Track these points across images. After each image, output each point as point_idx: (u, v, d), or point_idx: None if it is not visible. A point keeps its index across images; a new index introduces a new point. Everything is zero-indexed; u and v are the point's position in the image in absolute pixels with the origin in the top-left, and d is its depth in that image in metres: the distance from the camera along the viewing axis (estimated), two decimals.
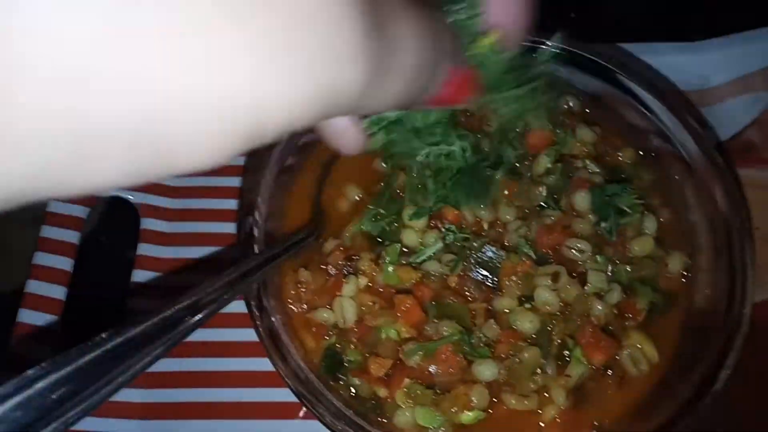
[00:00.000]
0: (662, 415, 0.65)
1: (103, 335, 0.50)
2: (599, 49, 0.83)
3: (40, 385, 0.45)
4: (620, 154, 0.82)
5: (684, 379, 0.67)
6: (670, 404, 0.65)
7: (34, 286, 0.84)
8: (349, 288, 0.71)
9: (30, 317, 0.82)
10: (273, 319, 0.68)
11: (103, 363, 0.50)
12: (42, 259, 0.86)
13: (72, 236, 0.89)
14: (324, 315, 0.72)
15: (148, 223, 0.93)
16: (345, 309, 0.70)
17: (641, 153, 0.83)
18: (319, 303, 0.73)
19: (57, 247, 0.87)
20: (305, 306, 0.74)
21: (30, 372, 0.45)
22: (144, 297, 0.88)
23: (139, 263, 0.90)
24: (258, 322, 0.66)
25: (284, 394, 0.79)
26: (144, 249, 0.91)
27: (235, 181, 0.96)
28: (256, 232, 0.71)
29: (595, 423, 0.69)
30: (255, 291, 0.68)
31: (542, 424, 0.69)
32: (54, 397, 0.46)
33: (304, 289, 0.73)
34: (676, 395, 0.66)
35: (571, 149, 0.80)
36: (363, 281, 0.72)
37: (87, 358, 0.49)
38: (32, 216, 0.91)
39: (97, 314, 0.89)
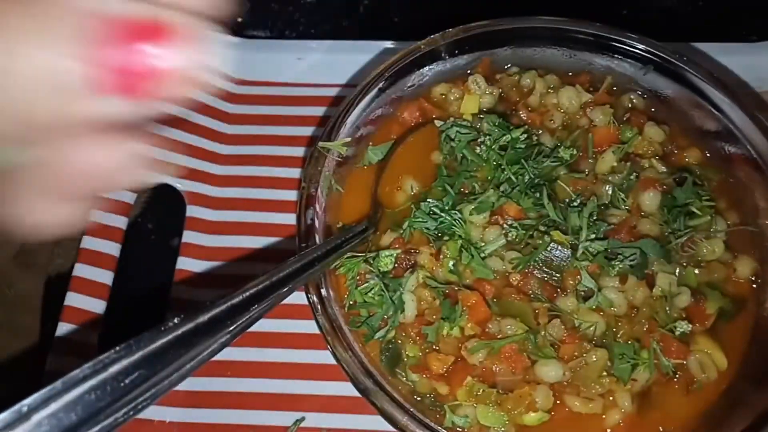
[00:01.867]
0: (734, 427, 0.63)
1: (175, 320, 0.49)
2: (666, 47, 0.81)
3: (114, 368, 0.44)
4: (686, 154, 0.80)
5: (755, 390, 0.65)
6: (742, 415, 0.63)
7: (81, 270, 0.83)
8: (409, 282, 0.69)
9: (77, 301, 0.81)
10: (333, 310, 0.66)
11: (174, 348, 0.49)
12: (90, 243, 0.85)
13: (119, 222, 0.88)
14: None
15: (195, 211, 0.92)
16: (406, 303, 0.68)
17: (708, 154, 0.80)
18: None
19: (104, 232, 0.86)
20: None
21: (105, 356, 0.44)
22: (188, 285, 0.87)
23: (184, 251, 0.89)
24: (320, 312, 0.64)
25: (328, 387, 0.79)
26: (189, 237, 0.90)
27: (281, 171, 0.95)
28: (317, 223, 0.69)
29: (660, 429, 0.67)
30: (315, 281, 0.66)
31: (607, 429, 0.67)
32: (127, 381, 0.45)
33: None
34: (748, 406, 0.64)
35: (637, 148, 0.78)
36: (423, 275, 0.70)
37: (159, 343, 0.48)
38: None
39: (142, 300, 0.88)
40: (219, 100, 1.00)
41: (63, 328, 0.79)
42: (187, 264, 0.88)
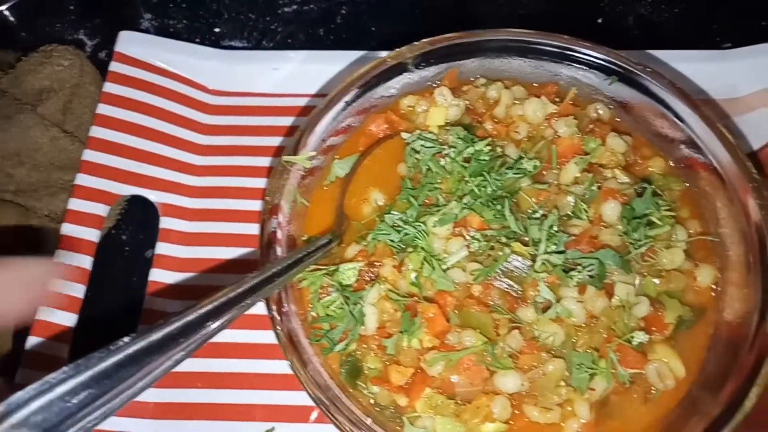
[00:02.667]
0: None
1: (125, 339, 0.50)
2: (629, 56, 0.81)
3: (61, 389, 0.45)
4: (650, 164, 0.80)
5: (712, 397, 0.65)
6: (698, 422, 0.64)
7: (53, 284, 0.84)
8: (371, 295, 0.70)
9: (48, 315, 0.82)
10: (294, 323, 0.67)
11: (124, 367, 0.50)
12: (62, 257, 0.86)
13: (92, 235, 0.89)
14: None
15: (168, 223, 0.93)
16: (366, 316, 0.69)
17: (671, 163, 0.81)
18: None
19: (77, 245, 0.87)
20: None
21: (51, 376, 0.45)
22: (162, 296, 0.88)
23: (158, 262, 0.90)
24: (279, 326, 0.65)
25: (299, 398, 0.79)
26: (163, 248, 0.91)
27: (257, 182, 0.96)
28: (279, 234, 0.70)
29: None
30: (276, 295, 0.67)
31: None
32: (75, 401, 0.45)
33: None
34: (704, 413, 0.64)
35: (600, 159, 0.78)
36: (384, 288, 0.71)
37: (108, 362, 0.49)
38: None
39: (114, 313, 0.88)
40: (194, 111, 1.01)
41: (33, 341, 0.80)
42: (160, 276, 0.89)
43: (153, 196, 0.94)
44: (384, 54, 0.84)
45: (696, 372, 0.70)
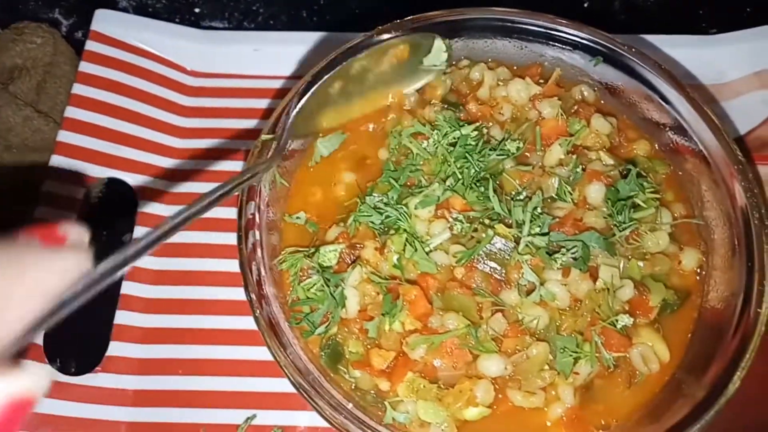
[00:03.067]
0: (673, 417, 0.63)
1: None
2: (616, 39, 0.80)
3: None
4: (635, 146, 0.80)
5: (696, 380, 0.65)
6: (682, 406, 0.63)
7: None
8: (352, 277, 0.68)
9: None
10: (273, 307, 0.65)
11: None
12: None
13: (68, 218, 0.86)
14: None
15: (147, 206, 0.90)
16: (347, 299, 0.68)
17: (656, 146, 0.80)
18: None
19: None
20: None
21: None
22: (139, 281, 0.86)
23: None
24: (257, 310, 0.64)
25: (280, 384, 0.78)
26: (141, 232, 0.89)
27: (236, 165, 0.94)
28: (257, 218, 0.69)
29: (602, 422, 0.67)
30: (254, 279, 0.66)
31: (548, 422, 0.67)
32: None
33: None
34: (688, 396, 0.64)
35: (585, 140, 0.77)
36: (366, 271, 0.69)
37: None
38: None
39: (91, 299, 0.86)
40: (173, 92, 0.99)
41: None
42: (139, 261, 0.87)
43: (130, 179, 0.91)
44: (367, 35, 0.82)
45: (680, 356, 0.70)
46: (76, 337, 0.81)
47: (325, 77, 0.77)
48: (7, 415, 0.32)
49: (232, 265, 0.71)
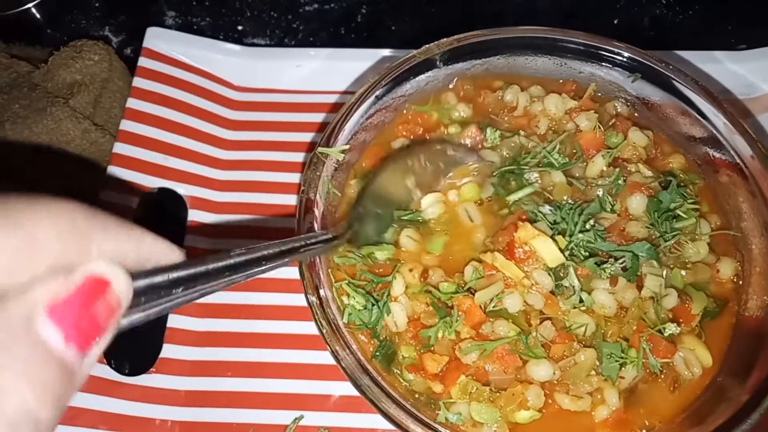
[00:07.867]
0: (717, 420, 0.65)
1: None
2: (654, 56, 0.83)
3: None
4: (670, 160, 0.82)
5: (739, 384, 0.67)
6: (725, 409, 0.65)
7: None
8: (398, 288, 0.71)
9: None
10: (331, 310, 0.68)
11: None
12: None
13: None
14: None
15: (197, 216, 0.94)
16: (395, 313, 0.71)
17: (692, 159, 0.83)
18: None
19: None
20: None
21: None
22: None
23: (186, 255, 0.90)
24: (318, 315, 0.67)
25: (325, 387, 0.81)
26: (191, 241, 0.92)
27: (281, 177, 0.97)
28: (316, 227, 0.72)
29: (646, 423, 0.70)
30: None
31: (595, 425, 0.69)
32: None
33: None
34: (731, 400, 0.66)
35: (623, 153, 0.80)
36: (419, 288, 0.72)
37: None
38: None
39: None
40: (220, 106, 1.03)
41: None
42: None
43: (181, 189, 0.95)
44: (404, 53, 0.85)
45: (720, 361, 0.72)
46: (132, 339, 0.84)
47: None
48: (85, 289, 0.33)
49: (283, 272, 0.74)
